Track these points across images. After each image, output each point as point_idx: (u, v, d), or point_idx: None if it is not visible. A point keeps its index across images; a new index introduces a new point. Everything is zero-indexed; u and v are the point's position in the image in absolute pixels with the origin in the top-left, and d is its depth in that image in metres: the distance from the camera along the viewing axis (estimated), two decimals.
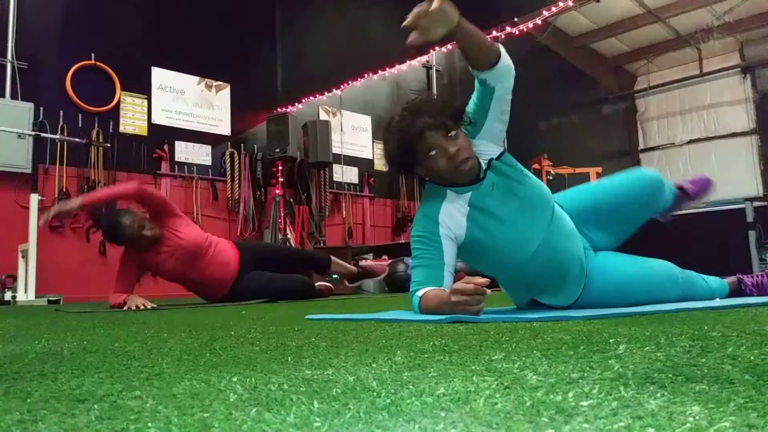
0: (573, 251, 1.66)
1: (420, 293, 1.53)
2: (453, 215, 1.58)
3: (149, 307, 2.88)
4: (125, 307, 2.89)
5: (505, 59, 1.55)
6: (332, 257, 3.77)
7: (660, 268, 1.77)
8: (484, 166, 1.62)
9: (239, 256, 3.38)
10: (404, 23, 1.41)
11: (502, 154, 1.64)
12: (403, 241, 7.04)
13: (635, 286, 1.69)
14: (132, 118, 6.14)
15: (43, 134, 4.99)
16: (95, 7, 6.04)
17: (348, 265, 3.77)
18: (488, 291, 1.35)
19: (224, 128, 6.85)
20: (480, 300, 1.35)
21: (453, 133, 1.56)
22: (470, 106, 1.63)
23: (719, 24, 8.14)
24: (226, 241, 3.48)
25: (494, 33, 7.32)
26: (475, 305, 1.34)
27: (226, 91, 6.91)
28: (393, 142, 1.61)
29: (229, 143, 6.82)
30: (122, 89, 6.07)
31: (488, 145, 1.63)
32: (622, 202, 1.75)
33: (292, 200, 7.10)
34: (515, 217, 1.58)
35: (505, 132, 1.66)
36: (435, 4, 1.38)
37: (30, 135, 4.86)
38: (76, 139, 5.22)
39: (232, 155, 6.75)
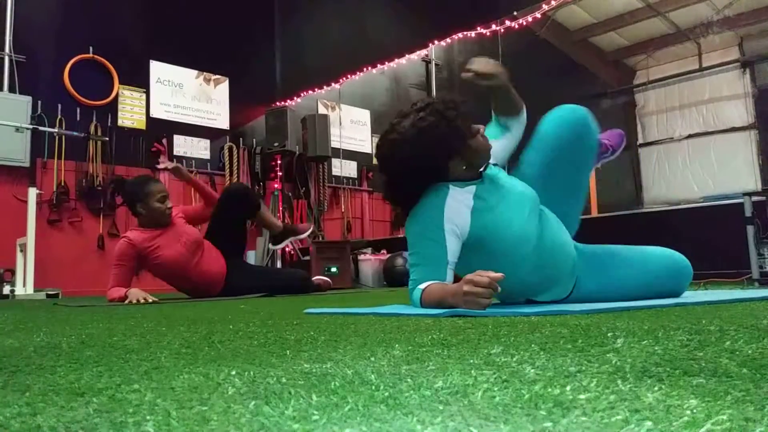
0: (565, 246, 1.68)
1: (422, 286, 1.53)
2: (458, 209, 1.57)
3: (150, 300, 2.88)
4: (126, 301, 2.89)
5: (524, 113, 1.83)
6: (263, 205, 3.71)
7: (651, 262, 1.76)
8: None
9: (219, 248, 3.43)
10: (470, 69, 1.69)
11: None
12: (402, 236, 7.04)
13: (621, 289, 1.69)
14: (130, 112, 6.13)
15: (41, 128, 4.98)
16: (93, 0, 6.02)
17: (276, 221, 3.76)
18: (498, 288, 1.35)
19: (223, 122, 6.84)
20: (491, 294, 1.35)
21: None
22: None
23: (719, 18, 8.13)
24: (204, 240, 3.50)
25: (494, 27, 7.31)
26: (485, 298, 1.35)
27: (224, 85, 6.89)
28: (441, 123, 1.58)
29: (227, 137, 6.81)
30: (120, 83, 6.05)
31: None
32: (552, 169, 1.74)
33: (290, 194, 7.09)
34: (513, 214, 1.59)
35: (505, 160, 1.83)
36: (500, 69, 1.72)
37: (28, 128, 4.85)
38: (74, 133, 5.20)
39: (230, 149, 6.74)
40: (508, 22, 7.27)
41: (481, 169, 1.66)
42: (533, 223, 1.61)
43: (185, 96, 6.57)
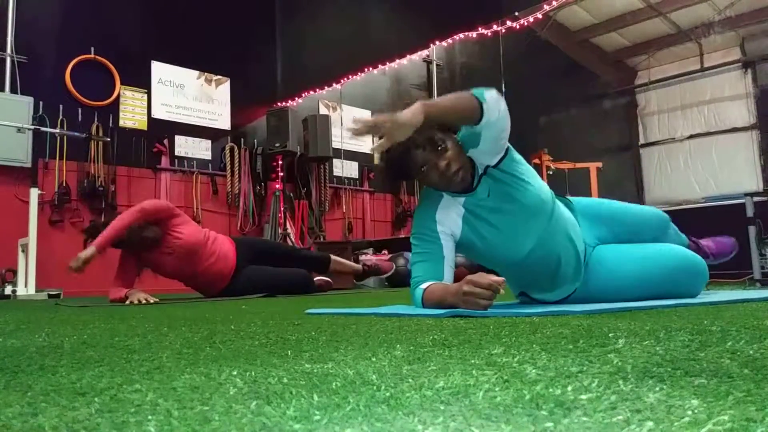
0: (569, 250, 1.65)
1: (423, 286, 1.55)
2: (450, 215, 1.63)
3: (151, 301, 2.89)
4: (127, 302, 2.89)
5: (491, 112, 1.49)
6: (332, 256, 3.76)
7: (664, 262, 1.73)
8: (480, 172, 1.60)
9: (236, 250, 3.41)
10: (357, 131, 1.43)
11: (502, 159, 1.60)
12: (403, 236, 7.05)
13: (632, 285, 1.68)
14: (132, 113, 6.13)
15: (42, 128, 4.98)
16: (94, 0, 6.03)
17: (351, 264, 3.76)
18: (501, 290, 1.35)
19: (224, 122, 6.84)
20: (491, 296, 1.35)
21: (442, 146, 1.54)
22: (463, 133, 1.60)
23: (720, 18, 8.12)
24: (224, 236, 3.50)
25: (495, 27, 7.31)
26: (484, 299, 1.35)
27: (225, 86, 6.90)
28: (383, 159, 1.64)
29: (228, 137, 6.81)
30: (122, 83, 6.06)
31: (485, 155, 1.59)
32: (631, 223, 1.85)
33: (292, 195, 7.09)
34: (509, 223, 1.59)
35: (505, 141, 1.60)
36: (396, 120, 1.40)
37: (30, 129, 4.85)
38: (76, 134, 5.21)
39: (231, 150, 6.74)
40: (509, 23, 7.26)
41: (476, 182, 1.61)
42: (531, 233, 1.59)
43: (186, 96, 6.58)
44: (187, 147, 6.48)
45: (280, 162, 6.90)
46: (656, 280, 1.69)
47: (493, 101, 1.50)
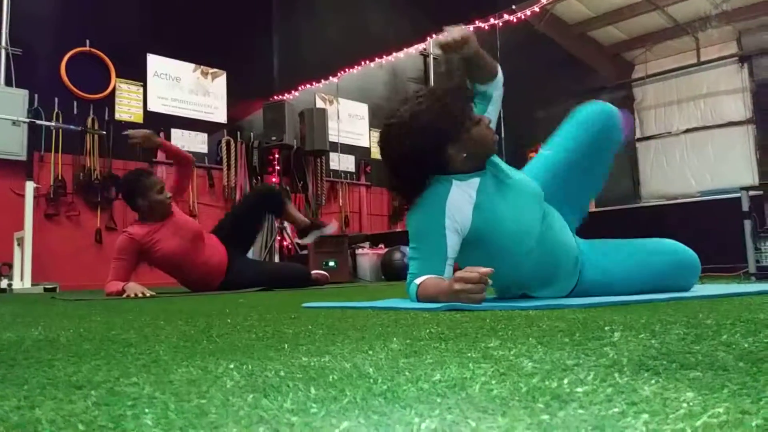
0: (567, 245, 1.66)
1: (418, 281, 1.53)
2: (460, 205, 1.56)
3: (148, 294, 2.88)
4: (124, 295, 2.89)
5: (500, 71, 1.75)
6: (288, 202, 3.78)
7: (656, 255, 1.75)
8: None
9: (222, 242, 3.45)
10: (440, 40, 1.60)
11: None
12: (400, 230, 7.05)
13: (627, 283, 1.69)
14: (127, 106, 6.11)
15: (38, 121, 4.96)
16: None
17: (301, 216, 3.79)
18: (490, 282, 1.36)
19: (220, 116, 6.82)
20: (483, 289, 1.35)
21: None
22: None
23: (717, 13, 8.12)
24: (206, 233, 3.53)
25: (492, 21, 7.29)
26: (477, 294, 1.35)
27: (222, 79, 6.87)
28: (435, 108, 1.56)
29: (225, 131, 6.79)
30: (117, 76, 6.03)
31: None
32: (577, 155, 1.75)
33: (288, 188, 7.08)
34: (516, 210, 1.58)
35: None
36: (464, 35, 1.60)
37: (25, 122, 4.83)
38: (72, 127, 5.19)
39: (228, 143, 6.72)
40: (506, 16, 7.25)
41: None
42: (535, 219, 1.60)
43: (182, 89, 6.55)
44: (183, 140, 6.45)
45: (277, 155, 6.89)
46: (648, 280, 1.70)
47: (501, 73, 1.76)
